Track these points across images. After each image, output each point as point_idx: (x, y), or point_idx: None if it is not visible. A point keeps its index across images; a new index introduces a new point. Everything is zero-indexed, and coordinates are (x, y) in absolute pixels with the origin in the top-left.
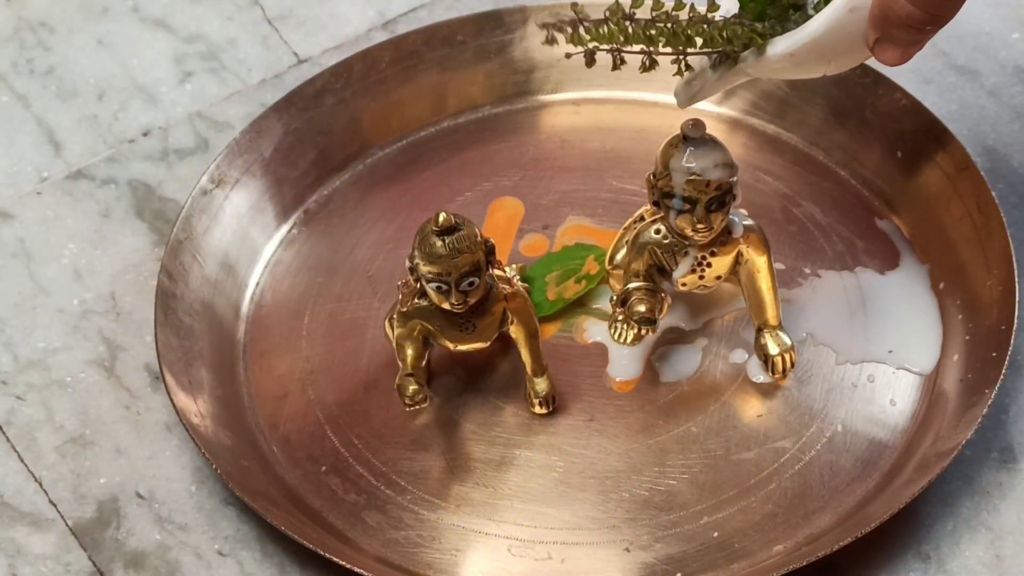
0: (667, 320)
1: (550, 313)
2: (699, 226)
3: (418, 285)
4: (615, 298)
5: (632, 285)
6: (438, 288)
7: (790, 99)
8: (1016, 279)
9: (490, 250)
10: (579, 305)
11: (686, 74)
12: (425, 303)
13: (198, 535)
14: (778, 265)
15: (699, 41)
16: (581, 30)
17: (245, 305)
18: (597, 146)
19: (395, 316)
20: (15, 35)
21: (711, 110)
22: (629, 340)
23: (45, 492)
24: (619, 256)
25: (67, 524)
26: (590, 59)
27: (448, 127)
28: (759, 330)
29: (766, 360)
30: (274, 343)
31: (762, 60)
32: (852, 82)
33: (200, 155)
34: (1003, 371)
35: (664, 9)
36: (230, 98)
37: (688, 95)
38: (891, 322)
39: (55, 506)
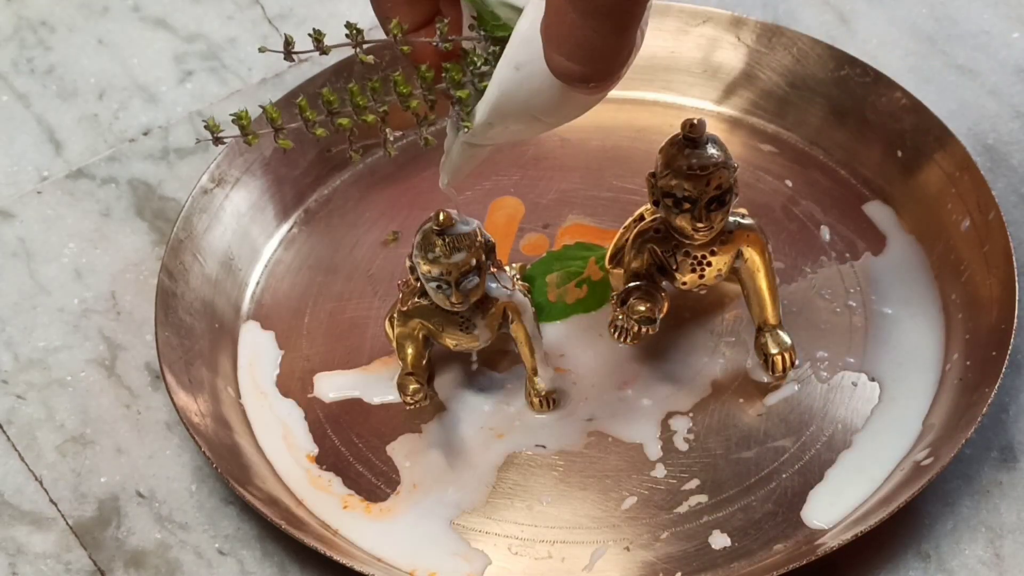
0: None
1: (550, 319)
2: (699, 225)
3: (418, 284)
4: (615, 297)
5: (632, 284)
6: (438, 287)
7: (790, 98)
8: (1016, 279)
9: (490, 249)
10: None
11: (450, 148)
12: (425, 302)
13: (198, 534)
14: (778, 264)
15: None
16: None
17: (245, 304)
18: (597, 145)
19: (395, 315)
20: (15, 34)
21: (711, 109)
22: (629, 339)
23: (45, 491)
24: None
25: (67, 523)
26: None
27: None
28: (759, 329)
29: (766, 359)
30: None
31: (475, 130)
32: (852, 81)
33: (200, 154)
34: (1003, 370)
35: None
36: (230, 97)
37: (446, 171)
38: (891, 320)
39: (55, 505)
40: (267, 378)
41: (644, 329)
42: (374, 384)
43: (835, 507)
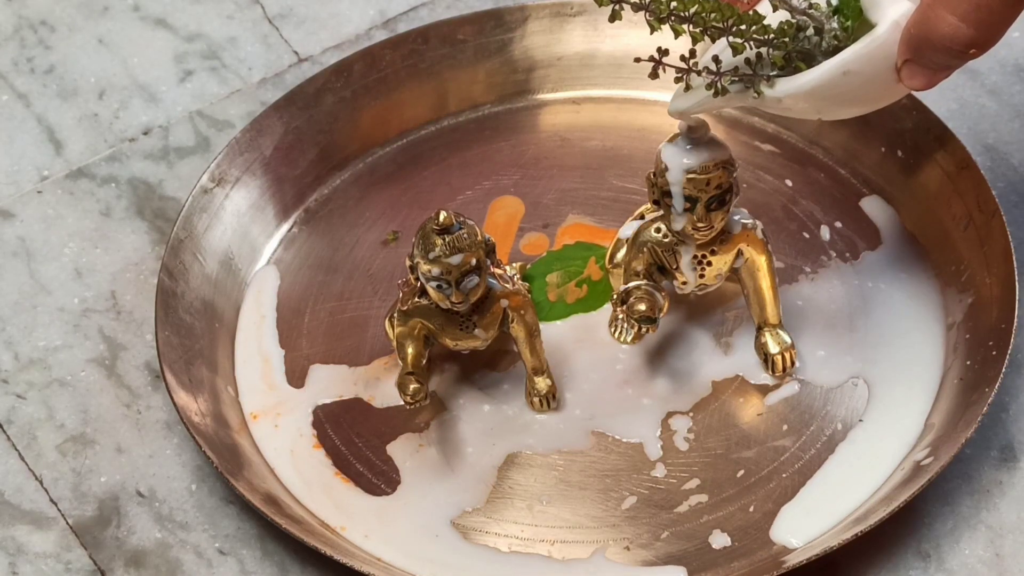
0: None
1: (550, 319)
2: (699, 225)
3: (418, 284)
4: (615, 297)
5: (632, 284)
6: (439, 287)
7: None
8: (1016, 278)
9: (490, 248)
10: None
11: (694, 80)
12: (425, 302)
13: (199, 533)
14: (778, 264)
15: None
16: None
17: (245, 304)
18: (597, 145)
19: (395, 315)
20: (15, 34)
21: None
22: (630, 339)
23: (46, 491)
24: (619, 255)
25: (68, 522)
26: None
27: (448, 126)
28: (759, 329)
29: (766, 359)
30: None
31: (762, 99)
32: None
33: (201, 154)
34: (1003, 369)
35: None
36: (230, 97)
37: (685, 105)
38: (891, 320)
39: (56, 504)
40: (267, 377)
41: (644, 329)
42: (367, 382)
43: (834, 507)
